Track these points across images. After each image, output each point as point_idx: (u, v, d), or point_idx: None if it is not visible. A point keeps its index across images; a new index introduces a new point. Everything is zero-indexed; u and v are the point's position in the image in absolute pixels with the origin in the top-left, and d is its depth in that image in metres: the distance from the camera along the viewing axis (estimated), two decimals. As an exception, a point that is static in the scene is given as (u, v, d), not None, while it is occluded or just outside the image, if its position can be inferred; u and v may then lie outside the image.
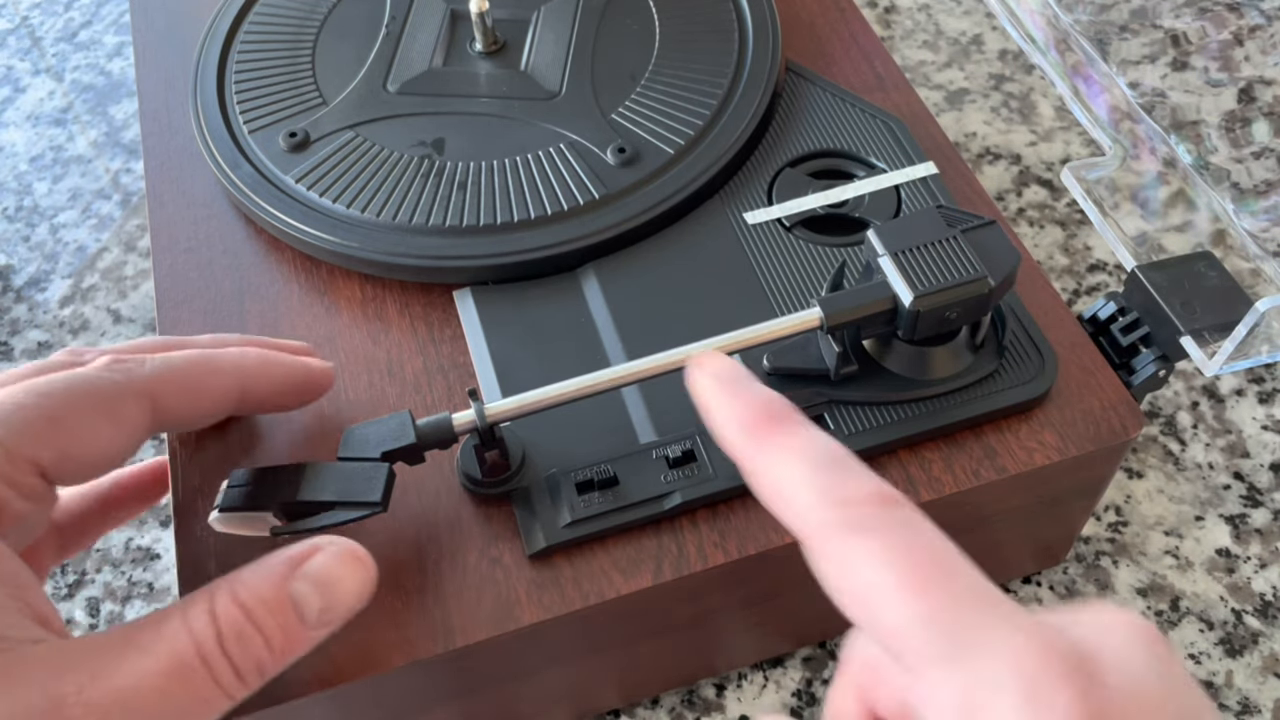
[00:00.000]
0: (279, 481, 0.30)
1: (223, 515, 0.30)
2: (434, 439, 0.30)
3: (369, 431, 0.31)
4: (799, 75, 0.43)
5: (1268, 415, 0.47)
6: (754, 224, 0.39)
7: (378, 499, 0.29)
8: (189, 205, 0.41)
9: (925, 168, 0.39)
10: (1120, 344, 0.35)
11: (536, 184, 0.39)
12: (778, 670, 0.40)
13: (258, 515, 0.30)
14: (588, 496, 0.32)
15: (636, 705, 0.39)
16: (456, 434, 0.30)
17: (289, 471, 0.30)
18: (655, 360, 0.31)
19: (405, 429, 0.30)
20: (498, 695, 0.34)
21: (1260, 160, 0.46)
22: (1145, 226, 0.38)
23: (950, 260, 0.31)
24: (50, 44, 0.66)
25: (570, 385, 0.31)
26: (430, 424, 0.30)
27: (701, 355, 0.25)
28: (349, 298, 0.38)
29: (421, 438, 0.30)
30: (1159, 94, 0.48)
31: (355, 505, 0.30)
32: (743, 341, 0.31)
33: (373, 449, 0.30)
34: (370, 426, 0.31)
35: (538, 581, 0.31)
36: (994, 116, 0.58)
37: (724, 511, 0.32)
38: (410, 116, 0.41)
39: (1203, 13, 0.49)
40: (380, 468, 0.30)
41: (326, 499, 0.29)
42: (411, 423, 0.30)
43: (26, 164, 0.59)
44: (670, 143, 0.40)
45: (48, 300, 0.53)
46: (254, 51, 0.44)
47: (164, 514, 0.45)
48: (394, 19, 0.45)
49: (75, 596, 0.43)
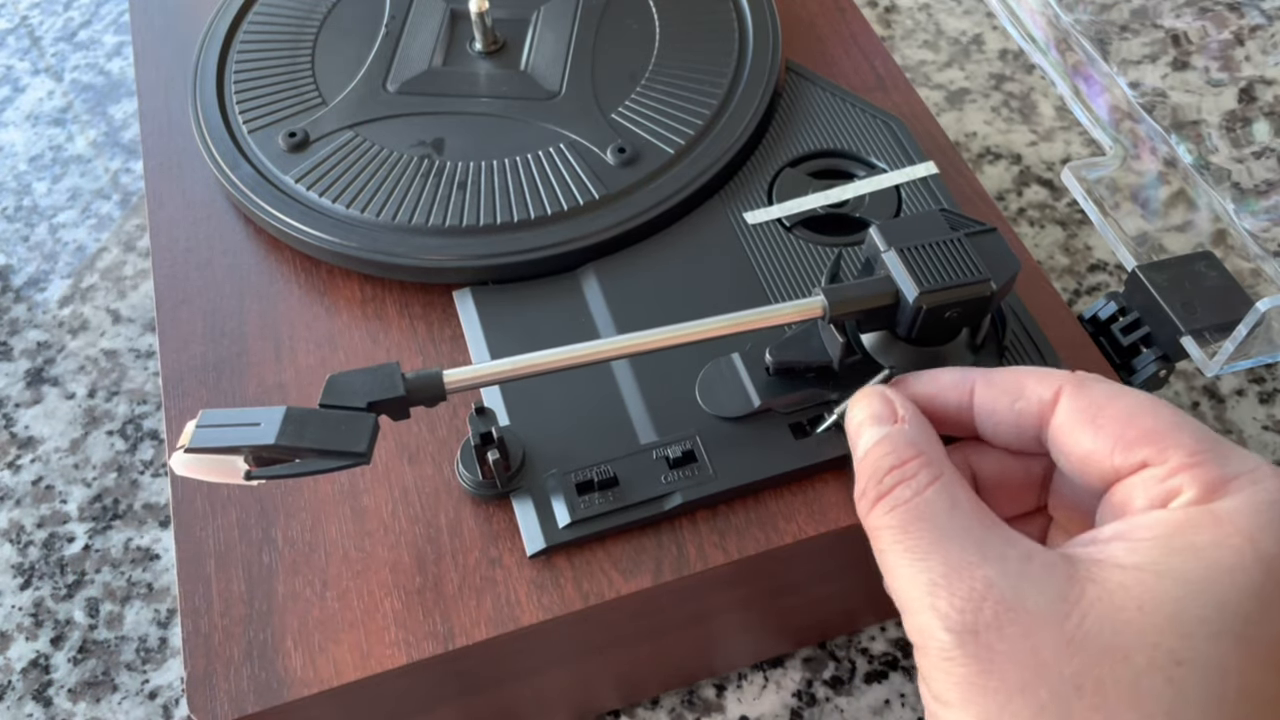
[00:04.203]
0: (254, 424, 0.28)
1: (189, 457, 0.28)
2: (422, 394, 0.29)
3: (354, 380, 0.29)
4: (799, 75, 0.43)
5: (1268, 415, 0.47)
6: (754, 224, 0.39)
7: (363, 449, 0.28)
8: (189, 205, 0.41)
9: (925, 168, 0.39)
10: (1121, 344, 0.35)
11: (536, 184, 0.39)
12: (778, 670, 0.40)
13: (228, 460, 0.28)
14: (588, 497, 0.32)
15: (636, 705, 0.39)
16: (446, 391, 0.29)
17: (266, 414, 0.28)
18: (651, 336, 0.31)
19: (393, 380, 0.29)
20: (498, 695, 0.34)
21: (1261, 160, 0.46)
22: (1146, 226, 0.37)
23: (954, 261, 0.31)
24: (49, 44, 0.66)
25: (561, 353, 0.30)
26: (420, 377, 0.29)
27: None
28: (349, 298, 0.38)
29: (410, 391, 0.29)
30: (1159, 94, 0.48)
31: (337, 454, 0.28)
32: (745, 324, 0.31)
33: (358, 398, 0.29)
34: (356, 375, 0.29)
35: (538, 582, 0.31)
36: (994, 116, 0.58)
37: (724, 511, 0.32)
38: (410, 116, 0.41)
39: (1203, 12, 0.49)
40: (366, 417, 0.28)
41: (307, 446, 0.28)
42: (400, 374, 0.29)
43: (26, 164, 0.59)
44: (670, 143, 0.40)
45: (47, 300, 0.53)
46: (253, 51, 0.44)
47: (164, 514, 0.45)
48: (394, 19, 0.45)
49: (75, 597, 0.43)
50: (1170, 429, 0.23)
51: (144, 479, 0.47)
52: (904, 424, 0.27)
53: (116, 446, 0.48)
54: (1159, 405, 0.24)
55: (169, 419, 0.35)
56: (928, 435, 0.26)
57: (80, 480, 0.47)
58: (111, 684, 0.41)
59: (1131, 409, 0.24)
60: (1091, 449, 0.24)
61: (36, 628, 0.43)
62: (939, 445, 0.26)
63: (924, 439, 0.26)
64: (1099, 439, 0.24)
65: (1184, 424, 0.23)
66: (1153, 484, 0.23)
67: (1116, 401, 0.24)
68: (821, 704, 0.39)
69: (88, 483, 0.47)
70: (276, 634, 0.30)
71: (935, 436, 0.27)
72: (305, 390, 0.35)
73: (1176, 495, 0.22)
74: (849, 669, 0.40)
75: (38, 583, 0.44)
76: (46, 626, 0.43)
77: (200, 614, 0.31)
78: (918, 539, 0.23)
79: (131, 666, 0.41)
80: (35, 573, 0.44)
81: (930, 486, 0.24)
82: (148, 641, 0.42)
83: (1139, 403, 0.24)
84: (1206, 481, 0.22)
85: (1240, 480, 0.22)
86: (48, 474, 0.47)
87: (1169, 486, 0.22)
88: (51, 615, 0.43)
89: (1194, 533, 0.21)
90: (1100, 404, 0.24)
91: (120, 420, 0.48)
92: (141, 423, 0.48)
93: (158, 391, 0.49)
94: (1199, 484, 0.22)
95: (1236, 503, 0.21)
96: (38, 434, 0.48)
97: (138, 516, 0.45)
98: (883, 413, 0.27)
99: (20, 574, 0.44)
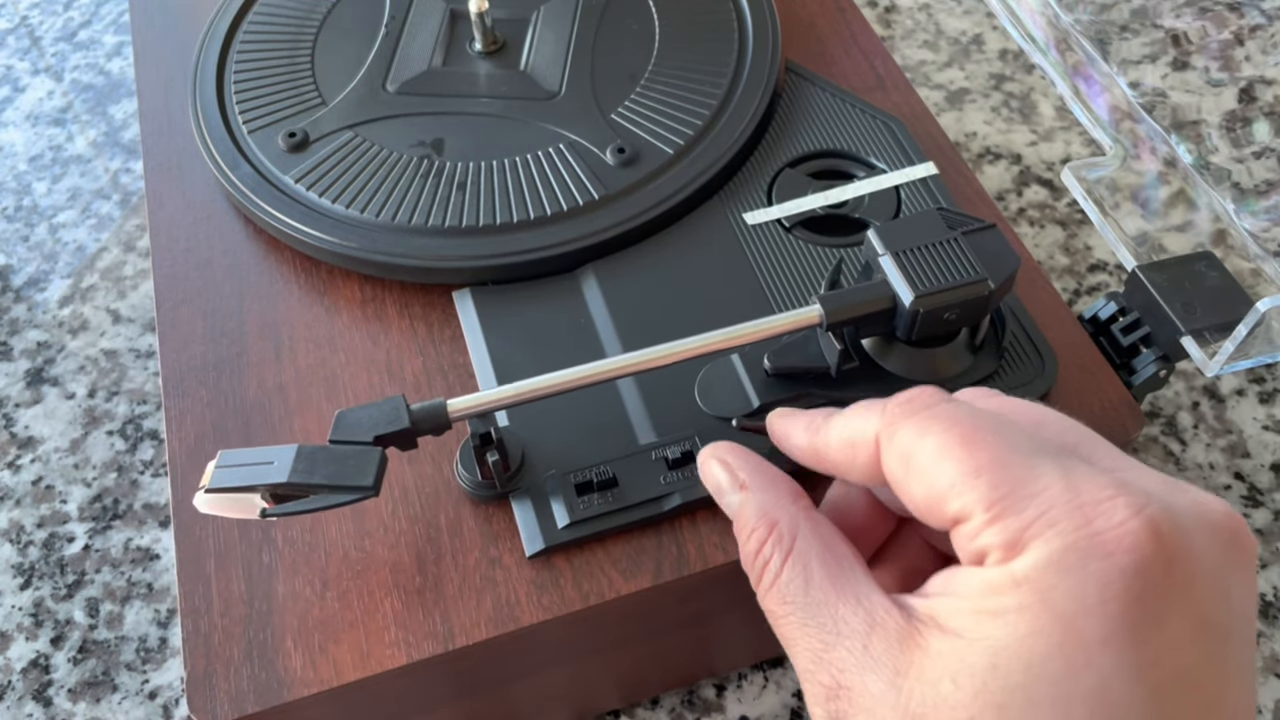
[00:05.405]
0: (268, 463, 0.29)
1: (209, 496, 0.29)
2: (427, 424, 0.30)
3: (361, 415, 0.30)
4: (799, 75, 0.43)
5: (1268, 415, 0.47)
6: (754, 224, 0.39)
7: (369, 483, 0.29)
8: (188, 205, 0.41)
9: (925, 168, 0.39)
10: (1121, 344, 0.35)
11: (536, 184, 0.39)
12: (778, 670, 0.40)
13: (245, 497, 0.29)
14: (587, 497, 0.32)
15: (636, 705, 0.39)
16: (450, 420, 0.30)
17: (279, 453, 0.30)
18: (651, 353, 0.31)
19: (399, 413, 0.30)
20: (498, 695, 0.34)
21: (1261, 160, 0.46)
22: (1146, 226, 0.37)
23: (951, 261, 0.31)
24: (49, 43, 0.66)
25: (563, 376, 0.31)
26: (424, 409, 0.30)
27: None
28: (349, 298, 0.38)
29: (415, 423, 0.30)
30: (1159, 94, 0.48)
31: (347, 489, 0.29)
32: (743, 336, 0.31)
33: (365, 433, 0.30)
34: (363, 410, 0.30)
35: (538, 582, 0.31)
36: (994, 116, 0.58)
37: (724, 512, 0.32)
38: (410, 116, 0.41)
39: (1203, 12, 0.49)
40: (373, 452, 0.29)
41: (317, 482, 0.29)
42: (405, 407, 0.30)
43: (26, 164, 0.59)
44: (670, 143, 0.40)
45: (47, 300, 0.53)
46: (253, 51, 0.44)
47: (164, 514, 0.45)
48: (393, 19, 0.45)
49: (75, 597, 0.43)
50: (966, 478, 0.22)
51: (144, 479, 0.47)
52: (749, 492, 0.27)
53: (116, 446, 0.48)
54: (966, 437, 0.23)
55: (169, 419, 0.35)
56: (774, 496, 0.26)
57: (80, 480, 0.47)
58: (111, 684, 0.41)
59: (936, 453, 0.23)
60: (916, 502, 0.23)
61: (36, 628, 0.43)
62: (786, 500, 0.26)
63: (771, 503, 0.26)
64: (917, 492, 0.23)
65: (984, 465, 0.22)
66: (965, 540, 0.22)
67: (922, 445, 0.23)
68: (821, 704, 0.39)
69: (88, 483, 0.47)
70: (276, 634, 0.30)
71: (782, 489, 0.27)
72: (305, 391, 0.35)
73: (986, 555, 0.22)
74: (849, 669, 0.40)
75: (38, 583, 0.44)
76: (46, 626, 0.43)
77: (200, 614, 0.31)
78: (788, 627, 0.24)
79: (131, 666, 0.42)
80: (35, 573, 0.44)
81: (784, 567, 0.25)
82: (148, 641, 0.42)
83: (943, 441, 0.23)
84: (1006, 538, 0.21)
85: (1035, 528, 0.21)
86: (48, 474, 0.47)
87: (979, 546, 0.22)
88: (51, 615, 0.43)
89: (998, 597, 0.21)
90: (908, 454, 0.23)
91: (120, 420, 0.48)
92: (141, 423, 0.48)
93: (158, 391, 0.49)
94: (1001, 539, 0.21)
95: (1032, 558, 0.21)
96: (38, 434, 0.48)
97: (138, 516, 0.45)
98: (725, 483, 0.28)
99: (20, 574, 0.44)
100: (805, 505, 0.26)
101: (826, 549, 0.25)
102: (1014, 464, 0.22)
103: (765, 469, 0.28)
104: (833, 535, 0.25)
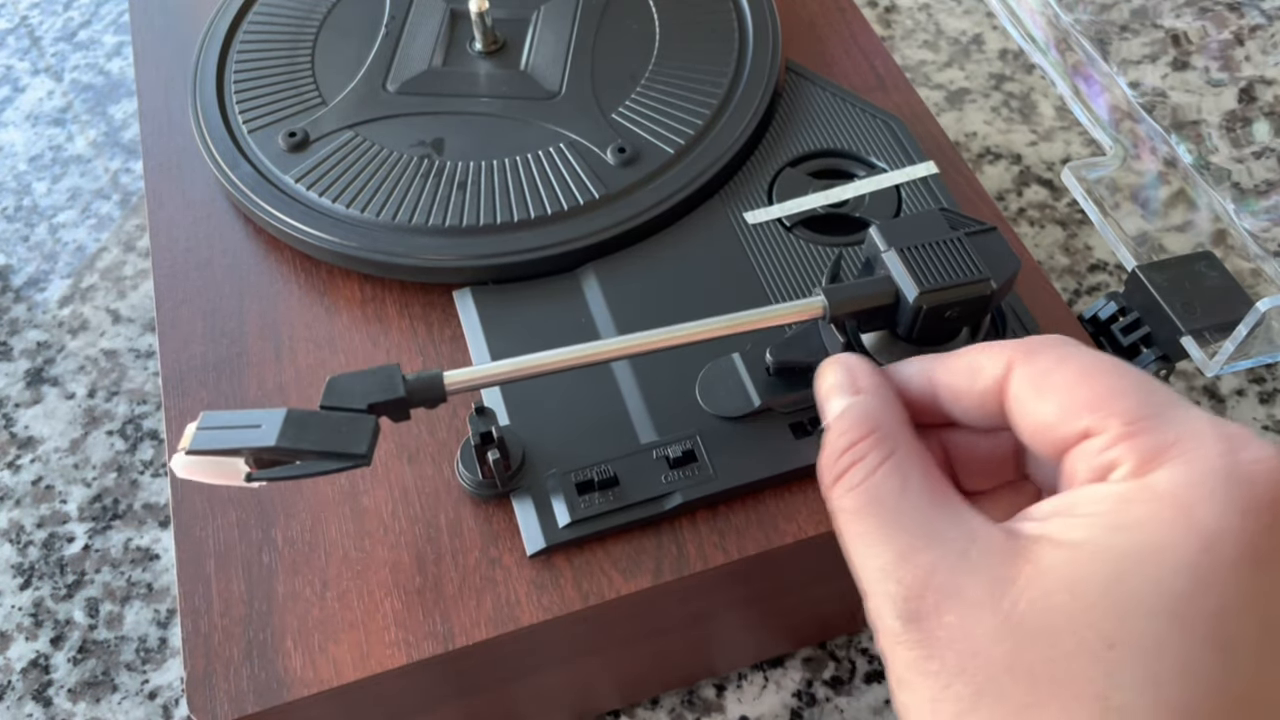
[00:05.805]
0: (255, 426, 0.28)
1: (190, 459, 0.28)
2: (423, 395, 0.29)
3: (354, 382, 0.29)
4: (799, 75, 0.43)
5: (1268, 415, 0.47)
6: (754, 224, 0.39)
7: (363, 451, 0.28)
8: (188, 205, 0.41)
9: (925, 167, 0.39)
10: (1121, 344, 0.35)
11: (536, 184, 0.39)
12: (778, 670, 0.40)
13: (228, 462, 0.28)
14: (588, 497, 0.32)
15: (636, 705, 0.39)
16: (446, 392, 0.30)
17: (266, 416, 0.29)
18: (652, 336, 0.31)
19: (394, 382, 0.29)
20: (498, 695, 0.34)
21: (1261, 160, 0.46)
22: (1146, 226, 0.37)
23: (954, 260, 0.31)
24: (49, 43, 0.66)
25: (561, 354, 0.30)
26: (420, 379, 0.29)
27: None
28: (349, 298, 0.38)
29: (411, 392, 0.29)
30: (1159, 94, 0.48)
31: (338, 456, 0.28)
32: (746, 324, 0.31)
33: (358, 400, 0.29)
34: (355, 377, 0.29)
35: (538, 582, 0.31)
36: (994, 116, 0.58)
37: (724, 511, 0.32)
38: (410, 116, 0.41)
39: (1203, 12, 0.49)
40: (366, 419, 0.29)
41: (307, 448, 0.28)
42: (400, 376, 0.29)
43: (25, 164, 0.59)
44: (670, 143, 0.40)
45: (47, 300, 0.53)
46: (253, 51, 0.44)
47: (164, 514, 0.45)
48: (393, 19, 0.45)
49: (74, 597, 0.43)
50: (1111, 395, 0.22)
51: (144, 479, 0.47)
52: (863, 395, 0.26)
53: (116, 446, 0.48)
54: (1108, 369, 0.23)
55: (169, 419, 0.35)
56: (887, 406, 0.26)
57: (80, 480, 0.47)
58: (111, 684, 0.41)
59: (1078, 375, 0.23)
60: (1040, 421, 0.23)
61: (36, 628, 0.43)
62: (896, 415, 0.26)
63: (882, 411, 0.26)
64: (1046, 409, 0.23)
65: (1129, 389, 0.22)
66: (1093, 455, 0.22)
67: (1064, 367, 0.23)
68: (821, 704, 0.39)
69: (88, 483, 0.47)
70: (276, 634, 0.30)
71: (895, 406, 0.26)
72: (305, 390, 0.35)
73: (1115, 468, 0.22)
74: (849, 669, 0.40)
75: (38, 583, 0.44)
76: (46, 626, 0.43)
77: (200, 614, 0.31)
78: (869, 524, 0.24)
79: (131, 666, 0.41)
80: (35, 573, 0.44)
81: (880, 468, 0.24)
82: (148, 641, 0.42)
83: (1086, 366, 0.23)
84: (1143, 452, 0.21)
85: (1178, 447, 0.21)
86: (47, 474, 0.47)
87: (1107, 458, 0.22)
88: (51, 615, 0.43)
89: (1129, 508, 0.21)
90: (1047, 371, 0.24)
91: (120, 420, 0.48)
92: (141, 423, 0.48)
93: (158, 391, 0.49)
94: (1136, 455, 0.21)
95: (1172, 473, 0.21)
96: (38, 434, 0.48)
97: (138, 516, 0.45)
98: (843, 382, 0.27)
99: (20, 574, 0.44)
100: (915, 432, 0.26)
101: (930, 468, 0.24)
102: (1157, 392, 0.22)
103: (888, 385, 0.27)
104: (934, 464, 0.25)
